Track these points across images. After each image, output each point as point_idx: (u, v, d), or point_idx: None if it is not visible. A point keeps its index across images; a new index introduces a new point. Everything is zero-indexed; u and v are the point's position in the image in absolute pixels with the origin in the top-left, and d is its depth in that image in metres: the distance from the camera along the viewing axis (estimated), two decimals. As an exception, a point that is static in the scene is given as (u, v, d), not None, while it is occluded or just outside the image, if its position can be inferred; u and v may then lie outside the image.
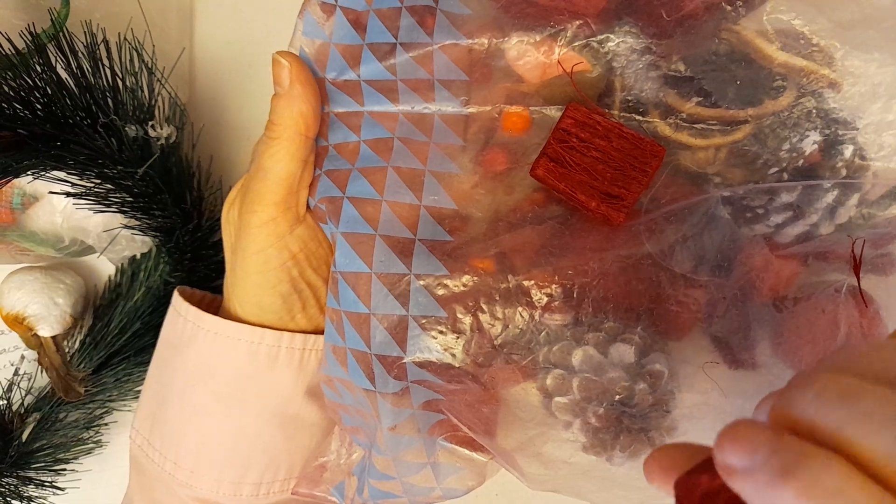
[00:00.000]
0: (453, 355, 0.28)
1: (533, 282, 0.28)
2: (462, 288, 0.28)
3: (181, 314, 0.35)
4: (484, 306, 0.28)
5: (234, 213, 0.33)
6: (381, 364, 0.28)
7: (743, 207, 0.28)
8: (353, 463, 0.34)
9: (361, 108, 0.30)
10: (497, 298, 0.28)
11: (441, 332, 0.28)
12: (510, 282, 0.28)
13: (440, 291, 0.28)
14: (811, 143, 0.27)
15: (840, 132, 0.27)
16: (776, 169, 0.28)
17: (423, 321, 0.28)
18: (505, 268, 0.28)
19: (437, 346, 0.28)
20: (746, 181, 0.28)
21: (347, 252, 0.29)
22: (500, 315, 0.28)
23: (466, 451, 0.30)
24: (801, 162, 0.27)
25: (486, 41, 0.29)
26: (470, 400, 0.28)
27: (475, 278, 0.28)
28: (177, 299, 0.36)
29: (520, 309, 0.28)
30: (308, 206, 0.32)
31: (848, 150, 0.27)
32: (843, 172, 0.27)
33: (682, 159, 0.28)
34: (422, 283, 0.28)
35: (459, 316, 0.28)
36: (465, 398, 0.28)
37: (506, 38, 0.28)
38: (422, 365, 0.28)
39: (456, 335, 0.28)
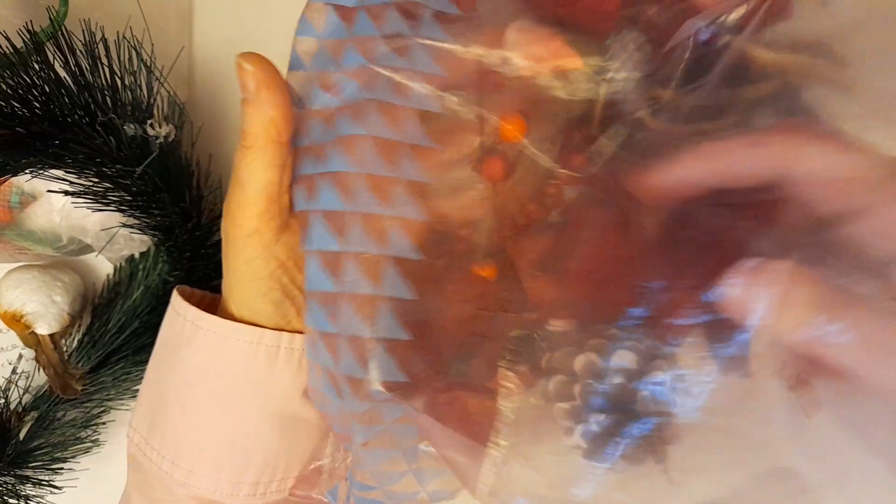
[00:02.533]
0: (416, 377, 0.27)
1: (534, 290, 0.27)
2: (440, 312, 0.27)
3: (180, 314, 0.35)
4: (465, 333, 0.28)
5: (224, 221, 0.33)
6: (347, 384, 0.27)
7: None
8: (347, 467, 0.34)
9: (338, 102, 0.28)
10: (486, 327, 0.28)
11: (404, 355, 0.27)
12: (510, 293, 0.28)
13: (404, 317, 0.27)
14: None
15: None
16: None
17: (389, 343, 0.27)
18: (507, 275, 0.28)
19: (398, 368, 0.27)
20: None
21: (317, 271, 0.27)
22: (483, 347, 0.28)
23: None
24: None
25: (475, 43, 0.28)
26: (461, 413, 0.28)
27: (463, 302, 0.28)
28: (176, 299, 0.36)
29: (506, 344, 0.27)
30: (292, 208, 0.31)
31: None
32: None
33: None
34: (388, 305, 0.27)
35: (424, 339, 0.27)
36: (454, 412, 0.28)
37: (507, 28, 0.28)
38: (388, 389, 0.27)
39: (419, 358, 0.27)
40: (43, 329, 0.46)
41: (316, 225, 0.27)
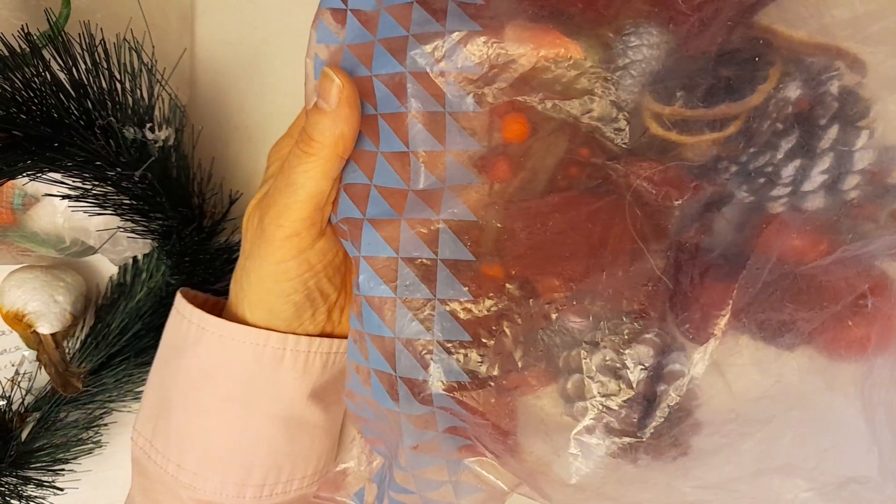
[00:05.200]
0: (478, 377, 0.27)
1: (547, 288, 0.27)
2: (486, 312, 0.27)
3: (185, 316, 0.34)
4: (507, 329, 0.27)
5: (254, 221, 0.32)
6: (406, 386, 0.27)
7: (752, 174, 0.26)
8: (373, 470, 0.34)
9: (375, 112, 0.28)
10: (519, 321, 0.27)
11: (465, 356, 0.27)
12: (523, 291, 0.27)
13: (464, 315, 0.27)
14: (794, 88, 0.26)
15: (823, 76, 0.26)
16: (768, 122, 0.26)
17: (448, 345, 0.27)
18: (514, 275, 0.28)
19: (460, 369, 0.27)
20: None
21: (371, 276, 0.28)
22: (522, 338, 0.27)
23: (492, 478, 0.29)
24: (789, 109, 0.26)
25: (498, 33, 0.27)
26: (493, 433, 0.28)
27: (498, 301, 0.27)
28: (179, 301, 0.35)
29: (541, 332, 0.27)
30: (329, 221, 0.31)
31: (833, 86, 0.26)
32: (836, 106, 0.26)
33: (680, 154, 0.27)
34: (446, 308, 0.27)
35: (483, 339, 0.27)
36: (488, 431, 0.28)
37: (506, 24, 0.27)
38: (448, 390, 0.27)
39: (480, 358, 0.27)
40: (45, 328, 0.45)
41: (368, 231, 0.28)
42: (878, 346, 0.25)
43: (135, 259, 0.47)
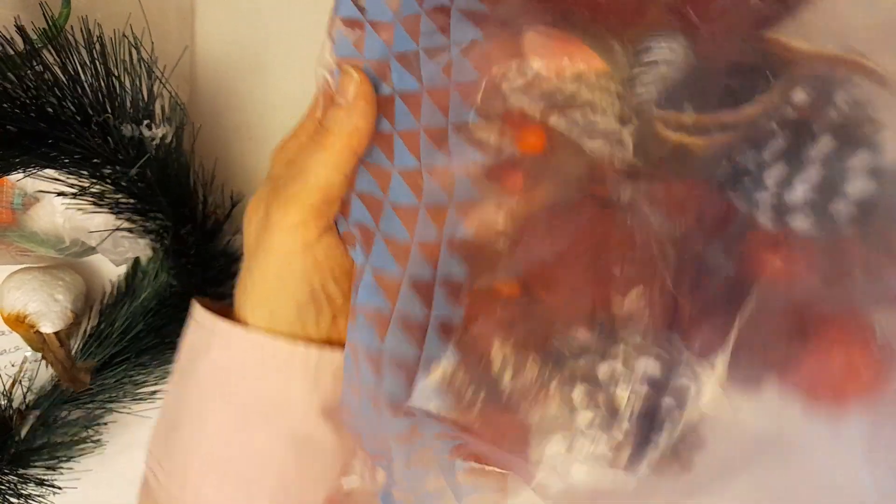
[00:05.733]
0: (466, 398, 0.27)
1: (551, 302, 0.27)
2: (482, 330, 0.27)
3: (199, 322, 0.33)
4: (501, 346, 0.27)
5: (259, 213, 0.31)
6: (392, 403, 0.27)
7: (737, 173, 0.26)
8: (378, 485, 0.33)
9: (392, 130, 0.28)
10: (517, 337, 0.27)
11: (456, 375, 0.27)
12: (525, 306, 0.27)
13: (459, 334, 0.27)
14: (800, 98, 0.25)
15: (827, 88, 0.25)
16: (769, 129, 0.26)
17: (440, 364, 0.26)
18: (529, 291, 0.27)
19: (447, 389, 0.27)
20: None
21: (372, 289, 0.28)
22: (519, 354, 0.27)
23: (487, 466, 0.29)
24: (791, 117, 0.25)
25: (502, 39, 0.27)
26: (488, 447, 0.27)
27: (495, 318, 0.27)
28: (195, 308, 0.34)
29: (541, 347, 0.27)
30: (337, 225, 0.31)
31: (839, 97, 0.25)
32: (834, 116, 0.25)
33: (689, 166, 0.27)
34: (440, 325, 0.27)
35: (477, 358, 0.27)
36: (482, 446, 0.27)
37: (525, 32, 0.27)
38: (435, 410, 0.27)
39: (470, 377, 0.27)
40: (47, 328, 0.45)
41: (378, 244, 0.28)
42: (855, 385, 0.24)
43: (137, 260, 0.47)
